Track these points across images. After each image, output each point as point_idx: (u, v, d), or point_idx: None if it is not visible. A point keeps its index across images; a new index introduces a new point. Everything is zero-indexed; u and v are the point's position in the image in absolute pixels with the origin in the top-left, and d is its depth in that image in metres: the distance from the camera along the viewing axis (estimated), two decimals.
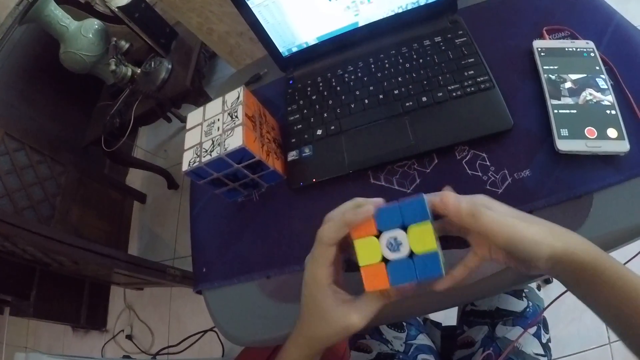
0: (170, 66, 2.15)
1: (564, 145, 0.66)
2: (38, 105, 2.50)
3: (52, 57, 2.28)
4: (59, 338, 2.90)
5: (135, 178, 3.19)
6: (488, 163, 0.72)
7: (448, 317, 1.18)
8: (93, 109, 2.46)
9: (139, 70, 2.17)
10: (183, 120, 3.03)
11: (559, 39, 0.80)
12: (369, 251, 0.53)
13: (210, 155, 0.76)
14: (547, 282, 1.59)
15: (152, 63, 2.16)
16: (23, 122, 2.35)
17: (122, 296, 2.74)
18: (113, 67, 2.03)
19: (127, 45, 2.14)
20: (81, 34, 2.14)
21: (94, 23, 2.20)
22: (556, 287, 1.55)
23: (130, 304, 2.70)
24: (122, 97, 2.21)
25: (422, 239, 0.51)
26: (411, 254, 0.52)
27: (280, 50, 0.97)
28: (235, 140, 0.75)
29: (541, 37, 0.81)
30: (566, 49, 0.76)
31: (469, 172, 0.72)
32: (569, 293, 0.61)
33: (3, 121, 2.06)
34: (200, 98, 2.09)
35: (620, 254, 0.71)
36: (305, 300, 0.60)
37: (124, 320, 2.69)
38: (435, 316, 1.19)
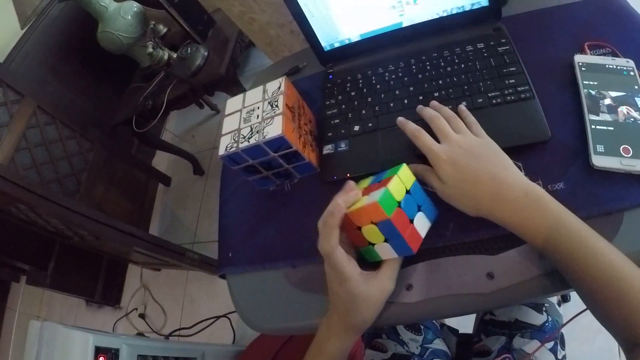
0: (206, 53, 2.17)
1: (599, 161, 0.66)
2: (71, 82, 2.53)
3: (88, 36, 2.32)
4: (72, 310, 2.95)
5: (161, 161, 3.22)
6: (523, 172, 0.70)
7: (462, 325, 1.17)
8: (125, 90, 2.50)
9: (175, 55, 2.20)
10: (214, 107, 3.06)
11: (600, 55, 0.79)
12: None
13: (248, 141, 0.77)
14: (565, 299, 1.58)
15: (189, 49, 2.18)
16: (55, 97, 2.38)
17: (139, 275, 2.78)
18: (150, 49, 2.06)
19: (164, 30, 2.17)
20: (120, 15, 2.17)
21: (133, 5, 2.24)
22: (575, 305, 1.55)
23: (146, 283, 2.74)
24: (157, 80, 2.24)
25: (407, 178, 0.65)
26: None
27: (322, 44, 0.98)
28: (275, 129, 0.75)
29: (582, 51, 0.80)
30: (607, 66, 0.75)
31: None
32: (586, 313, 0.63)
33: (36, 95, 2.09)
34: (233, 87, 2.11)
35: None
36: (337, 294, 0.66)
37: (138, 299, 2.73)
38: (450, 323, 1.19)
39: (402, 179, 0.63)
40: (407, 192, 0.63)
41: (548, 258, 0.61)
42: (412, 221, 0.62)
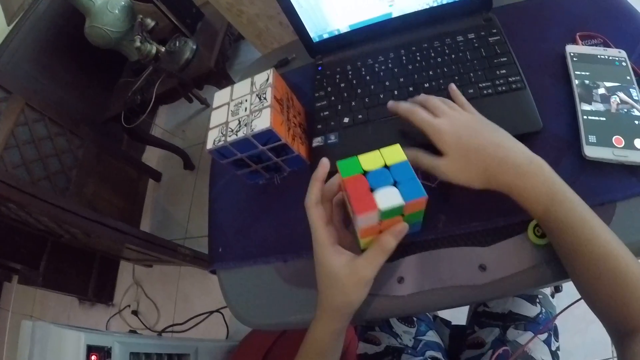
0: (194, 47, 2.16)
1: (591, 151, 0.66)
2: (59, 78, 2.52)
3: (76, 31, 2.30)
4: (65, 309, 2.93)
5: (151, 156, 3.21)
6: None
7: (455, 317, 1.17)
8: (114, 85, 2.48)
9: (163, 49, 2.18)
10: (203, 101, 3.05)
11: (592, 45, 0.79)
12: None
13: (236, 135, 0.76)
14: (558, 290, 1.59)
15: (177, 42, 2.17)
16: (44, 94, 2.36)
17: (131, 272, 2.77)
18: (138, 43, 2.04)
19: (152, 24, 2.15)
20: (107, 10, 2.15)
21: None
22: (567, 296, 1.55)
23: (138, 280, 2.73)
24: (145, 74, 2.22)
25: (393, 155, 0.61)
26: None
27: (311, 36, 0.97)
28: (263, 122, 0.74)
29: (574, 42, 0.80)
30: (598, 56, 0.75)
31: None
32: (579, 304, 0.63)
33: (24, 92, 2.08)
34: (223, 80, 2.11)
35: None
36: (319, 277, 0.65)
37: (131, 295, 2.72)
38: (444, 315, 1.19)
39: (382, 154, 0.61)
40: (386, 167, 0.60)
41: (546, 229, 0.61)
42: (372, 190, 0.58)
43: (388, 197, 0.57)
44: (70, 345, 1.28)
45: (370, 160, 0.61)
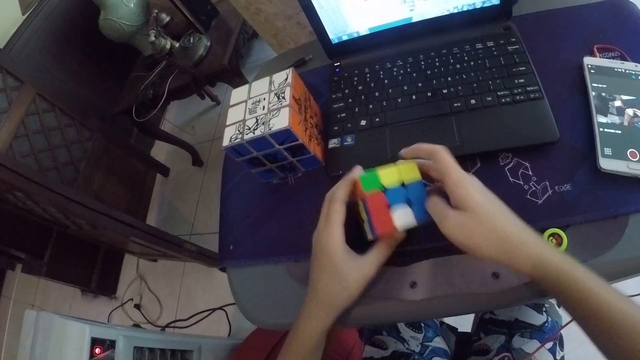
0: (209, 43, 2.17)
1: (606, 164, 0.66)
2: (72, 70, 2.53)
3: (90, 24, 2.31)
4: (67, 299, 2.94)
5: (160, 151, 3.21)
6: (530, 173, 0.71)
7: (460, 324, 1.17)
8: (125, 79, 2.49)
9: (177, 44, 2.19)
10: (214, 99, 3.05)
11: (609, 58, 0.79)
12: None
13: (253, 133, 0.76)
14: None
15: (191, 38, 2.18)
16: (55, 84, 2.38)
17: (135, 265, 2.77)
18: (153, 38, 2.05)
19: (167, 19, 2.16)
20: (123, 3, 2.16)
21: None
22: None
23: (142, 274, 2.74)
24: (158, 69, 2.23)
25: (409, 172, 0.65)
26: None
27: (330, 37, 0.97)
28: (281, 121, 0.75)
29: (591, 54, 0.80)
30: (615, 69, 0.75)
31: (511, 179, 0.72)
32: None
33: (35, 81, 2.08)
34: (236, 78, 2.11)
35: None
36: (320, 268, 0.67)
37: (134, 289, 2.72)
38: (449, 321, 1.19)
39: (400, 171, 0.65)
40: (403, 185, 0.65)
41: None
42: (390, 208, 0.64)
43: (404, 217, 0.64)
44: (74, 337, 1.28)
45: (388, 176, 0.65)
